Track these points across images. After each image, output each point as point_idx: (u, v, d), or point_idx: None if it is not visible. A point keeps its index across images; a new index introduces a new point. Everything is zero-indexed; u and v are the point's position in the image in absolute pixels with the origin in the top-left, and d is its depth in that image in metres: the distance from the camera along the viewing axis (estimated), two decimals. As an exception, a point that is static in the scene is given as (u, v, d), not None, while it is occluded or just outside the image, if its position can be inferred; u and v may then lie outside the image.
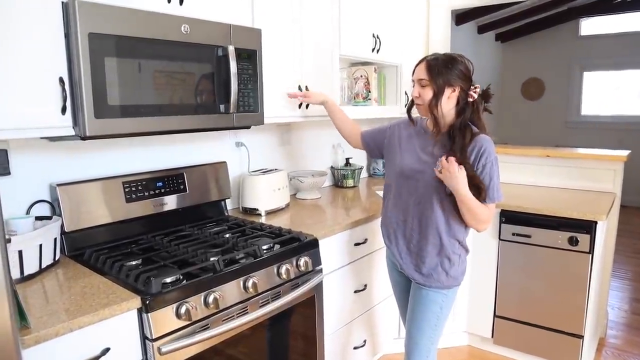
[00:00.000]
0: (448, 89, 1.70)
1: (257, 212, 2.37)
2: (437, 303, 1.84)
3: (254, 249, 1.77)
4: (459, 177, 1.63)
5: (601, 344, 3.01)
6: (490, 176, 1.71)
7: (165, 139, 2.17)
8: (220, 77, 1.84)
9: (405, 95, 3.22)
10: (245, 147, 2.53)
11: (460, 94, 1.72)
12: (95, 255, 1.70)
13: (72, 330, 1.23)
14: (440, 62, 1.71)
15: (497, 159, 1.74)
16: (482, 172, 1.71)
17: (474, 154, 1.70)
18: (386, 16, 2.96)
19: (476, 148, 1.70)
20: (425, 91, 1.73)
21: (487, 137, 1.73)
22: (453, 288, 1.86)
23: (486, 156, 1.70)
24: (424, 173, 1.78)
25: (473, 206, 1.69)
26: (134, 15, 1.54)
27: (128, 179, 1.94)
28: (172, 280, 1.51)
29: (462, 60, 1.73)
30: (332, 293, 2.21)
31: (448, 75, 1.69)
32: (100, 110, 1.48)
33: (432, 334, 1.86)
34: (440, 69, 1.69)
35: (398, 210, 1.88)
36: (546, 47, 7.47)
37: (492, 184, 1.71)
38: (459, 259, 1.84)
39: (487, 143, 1.71)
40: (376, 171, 3.56)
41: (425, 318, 1.85)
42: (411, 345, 1.89)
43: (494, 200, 1.74)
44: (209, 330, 1.52)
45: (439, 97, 1.70)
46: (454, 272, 1.83)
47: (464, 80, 1.71)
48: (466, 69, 1.72)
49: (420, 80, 1.75)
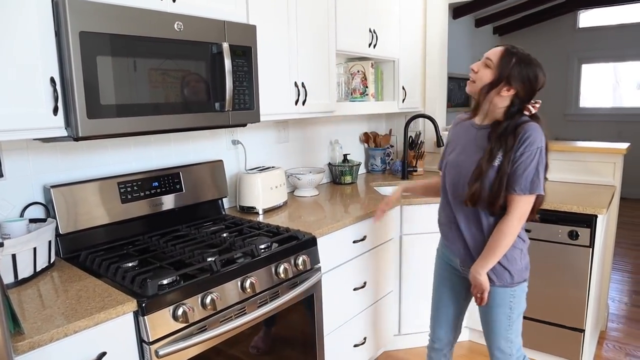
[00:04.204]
0: (505, 86, 1.60)
1: (254, 211, 2.35)
2: (505, 304, 1.74)
3: (252, 249, 1.76)
4: (484, 281, 1.67)
5: (602, 337, 3.00)
6: (525, 166, 1.58)
7: (160, 138, 2.15)
8: (214, 75, 1.82)
9: (402, 90, 3.20)
10: (242, 145, 2.51)
11: (514, 99, 1.62)
12: (91, 258, 1.68)
13: (67, 335, 1.21)
14: (517, 56, 1.60)
15: (543, 149, 1.60)
16: (518, 160, 1.59)
17: (516, 141, 1.59)
18: (382, 11, 2.94)
19: (519, 134, 1.59)
20: (484, 72, 1.64)
21: (535, 126, 1.60)
22: (520, 284, 1.75)
23: (527, 144, 1.58)
24: (468, 169, 1.69)
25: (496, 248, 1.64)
26: (126, 12, 1.52)
27: (123, 180, 1.91)
28: (168, 281, 1.49)
29: (536, 69, 1.61)
30: (331, 291, 2.19)
31: (513, 72, 1.58)
32: (93, 111, 1.46)
33: (508, 333, 1.78)
34: (512, 62, 1.59)
35: (448, 209, 1.83)
36: (544, 40, 7.44)
37: (525, 174, 1.58)
38: (520, 253, 1.73)
39: (534, 131, 1.59)
40: (374, 167, 3.54)
41: (497, 320, 1.77)
42: (492, 349, 1.82)
43: (526, 191, 1.60)
44: (207, 332, 1.50)
45: (493, 87, 1.61)
46: (516, 268, 1.72)
47: (525, 87, 1.60)
48: (534, 77, 1.60)
49: (487, 59, 1.64)
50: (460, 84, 6.88)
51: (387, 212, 2.03)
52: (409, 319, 2.80)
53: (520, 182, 1.60)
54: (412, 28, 3.28)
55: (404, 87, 3.21)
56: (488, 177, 1.62)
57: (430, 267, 2.75)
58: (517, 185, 1.60)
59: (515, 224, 1.63)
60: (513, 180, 1.60)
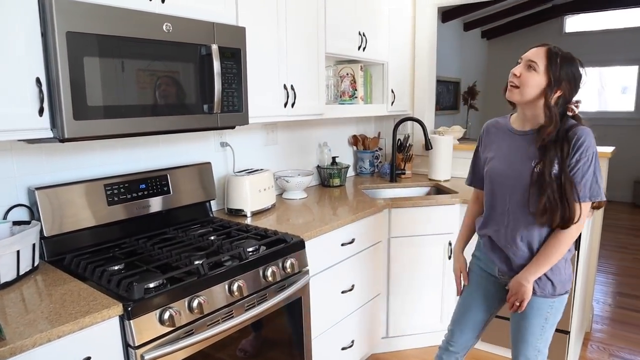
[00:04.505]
0: (556, 87, 1.54)
1: (242, 213, 2.34)
2: (541, 315, 1.70)
3: (239, 252, 1.74)
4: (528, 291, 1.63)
5: (587, 338, 3.03)
6: (583, 173, 1.53)
7: (148, 140, 2.13)
8: (203, 77, 1.81)
9: (391, 93, 3.21)
10: (230, 148, 2.50)
11: (560, 100, 1.57)
12: (76, 261, 1.66)
13: (50, 340, 1.19)
14: (560, 56, 1.55)
15: (596, 153, 1.55)
16: (575, 167, 1.53)
17: (570, 146, 1.53)
18: (372, 14, 2.94)
19: (572, 139, 1.53)
20: (530, 76, 1.56)
21: (586, 129, 1.54)
22: (561, 296, 1.70)
23: (582, 150, 1.52)
24: (518, 178, 1.64)
25: (550, 256, 1.60)
26: (113, 13, 1.50)
27: (110, 182, 1.89)
28: (155, 285, 1.47)
29: (578, 65, 1.56)
30: (319, 294, 2.19)
31: (562, 73, 1.53)
32: (79, 112, 1.44)
33: (538, 343, 1.74)
34: (559, 63, 1.53)
35: (493, 219, 1.76)
36: (531, 44, 7.41)
37: (584, 180, 1.53)
38: (564, 263, 1.67)
39: (587, 135, 1.53)
40: (363, 170, 3.55)
41: (530, 329, 1.73)
42: (518, 356, 1.79)
43: (586, 199, 1.55)
44: (194, 336, 1.49)
45: (550, 91, 1.54)
46: (560, 279, 1.67)
47: (570, 86, 1.56)
48: (579, 76, 1.56)
49: (530, 61, 1.57)
50: (448, 87, 6.92)
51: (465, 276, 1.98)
52: (397, 321, 2.81)
53: (580, 189, 1.54)
54: (401, 31, 3.29)
55: (392, 90, 3.22)
56: (552, 187, 1.55)
57: (418, 269, 2.77)
58: (576, 193, 1.55)
59: (574, 233, 1.58)
60: (572, 188, 1.55)
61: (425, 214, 2.70)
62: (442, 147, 3.22)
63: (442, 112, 6.68)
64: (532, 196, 1.60)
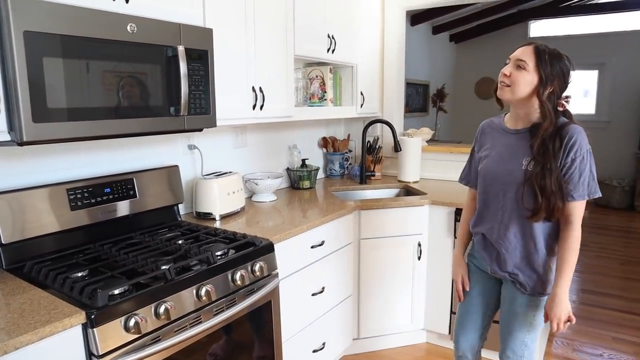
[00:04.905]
0: (549, 83, 1.57)
1: (211, 217, 2.31)
2: (530, 312, 1.73)
3: (208, 256, 1.72)
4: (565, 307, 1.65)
5: (552, 334, 3.11)
6: (580, 171, 1.56)
7: (113, 143, 2.08)
8: (169, 79, 1.78)
9: (361, 95, 3.23)
10: (199, 150, 2.46)
11: (551, 96, 1.59)
12: (37, 268, 1.60)
13: (7, 352, 1.14)
14: (547, 52, 1.58)
15: (590, 151, 1.57)
16: (571, 166, 1.56)
17: (562, 146, 1.56)
18: (341, 17, 2.96)
19: (565, 139, 1.56)
20: (520, 74, 1.59)
21: (578, 128, 1.57)
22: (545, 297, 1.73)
23: (576, 149, 1.55)
24: (510, 176, 1.67)
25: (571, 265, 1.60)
26: (75, 12, 1.46)
27: (73, 186, 1.84)
28: (120, 291, 1.43)
29: (566, 61, 1.60)
30: (289, 297, 2.18)
31: (554, 68, 1.57)
32: (39, 114, 1.39)
33: (525, 338, 1.76)
34: (548, 60, 1.56)
35: (486, 217, 1.79)
36: (498, 48, 7.68)
37: (582, 179, 1.56)
38: (553, 266, 1.70)
39: (579, 134, 1.56)
40: (333, 172, 3.56)
41: (518, 326, 1.76)
42: (505, 350, 1.81)
43: (584, 197, 1.58)
44: (161, 343, 1.46)
45: (546, 86, 1.57)
46: (549, 278, 1.69)
47: (560, 82, 1.59)
48: (567, 71, 1.59)
49: (519, 60, 1.59)
50: (417, 89, 7.01)
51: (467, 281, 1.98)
52: (368, 323, 2.82)
53: (579, 188, 1.57)
54: (370, 34, 3.32)
55: (362, 92, 3.24)
56: (543, 184, 1.57)
57: (388, 270, 2.79)
58: (575, 192, 1.57)
59: (578, 231, 1.61)
60: (570, 188, 1.58)
61: (394, 216, 2.72)
62: (411, 148, 3.26)
63: (411, 114, 6.76)
64: (525, 193, 1.63)
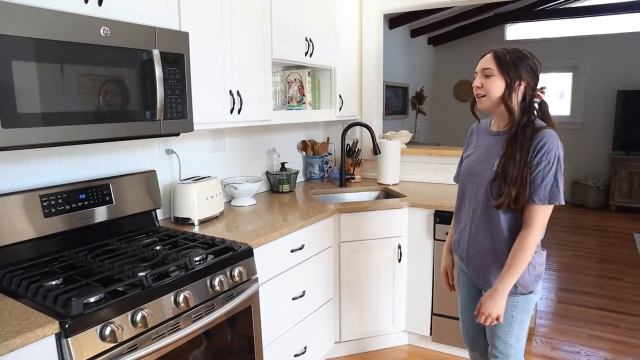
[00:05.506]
0: (517, 82, 1.62)
1: (189, 222, 2.29)
2: (507, 312, 1.71)
3: (186, 262, 1.70)
4: (498, 305, 1.63)
5: (531, 333, 3.15)
6: (544, 175, 1.57)
7: (88, 148, 2.04)
8: (145, 83, 1.75)
9: (339, 98, 3.23)
10: (176, 155, 2.44)
11: (527, 90, 1.64)
12: (8, 277, 1.56)
13: (-24, 364, 1.11)
14: (510, 54, 1.63)
15: (560, 157, 1.58)
16: (535, 169, 1.57)
17: (532, 149, 1.58)
18: (319, 20, 2.96)
19: (535, 142, 1.58)
20: (490, 82, 1.65)
21: (551, 132, 1.59)
22: (524, 296, 1.72)
23: (544, 152, 1.56)
24: (482, 175, 1.72)
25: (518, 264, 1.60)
26: (45, 15, 1.43)
27: (46, 192, 1.80)
28: (95, 299, 1.41)
29: (531, 57, 1.65)
30: (270, 302, 2.16)
31: (518, 67, 1.61)
32: (8, 120, 1.36)
33: (507, 337, 1.77)
34: (510, 60, 1.62)
35: (463, 214, 1.84)
36: (475, 51, 7.79)
37: (544, 183, 1.57)
38: (528, 266, 1.68)
39: (550, 138, 1.58)
40: (313, 175, 3.55)
41: (498, 325, 1.76)
42: (490, 349, 1.83)
43: (545, 202, 1.58)
44: (138, 351, 1.44)
45: (512, 88, 1.62)
46: (522, 280, 1.68)
47: (531, 75, 1.64)
48: (534, 65, 1.64)
49: (484, 69, 1.66)
50: (397, 92, 7.06)
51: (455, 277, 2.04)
52: (349, 326, 2.82)
53: (539, 192, 1.57)
54: (348, 37, 3.33)
55: (340, 95, 3.25)
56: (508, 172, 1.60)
57: (368, 273, 2.79)
58: (535, 195, 1.58)
59: (536, 235, 1.61)
60: (532, 190, 1.58)
61: (374, 218, 2.73)
62: (390, 151, 3.27)
63: (391, 116, 6.80)
64: (494, 189, 1.66)
